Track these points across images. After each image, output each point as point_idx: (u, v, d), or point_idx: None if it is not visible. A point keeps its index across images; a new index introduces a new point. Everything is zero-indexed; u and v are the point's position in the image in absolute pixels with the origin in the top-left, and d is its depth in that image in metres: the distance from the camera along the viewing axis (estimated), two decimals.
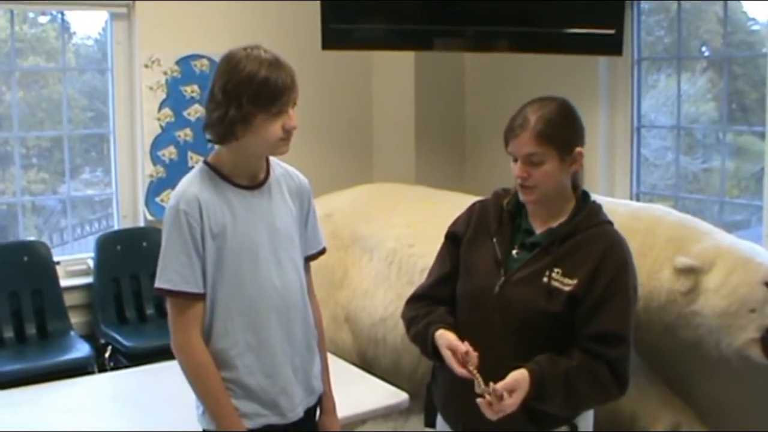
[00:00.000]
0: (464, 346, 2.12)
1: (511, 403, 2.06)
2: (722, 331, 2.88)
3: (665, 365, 3.14)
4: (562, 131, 2.18)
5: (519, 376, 2.08)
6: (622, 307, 2.15)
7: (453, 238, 2.39)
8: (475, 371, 2.09)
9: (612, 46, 3.89)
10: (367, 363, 3.72)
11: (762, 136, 3.88)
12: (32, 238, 4.63)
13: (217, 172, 2.17)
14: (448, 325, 2.25)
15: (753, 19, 4.12)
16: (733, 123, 4.12)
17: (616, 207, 3.07)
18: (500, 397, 2.05)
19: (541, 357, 2.13)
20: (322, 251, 2.39)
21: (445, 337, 2.19)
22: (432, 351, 2.25)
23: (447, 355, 2.16)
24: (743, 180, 4.26)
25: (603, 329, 2.13)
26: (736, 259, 2.91)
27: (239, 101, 2.05)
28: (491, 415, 2.06)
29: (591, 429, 2.33)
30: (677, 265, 2.95)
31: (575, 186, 2.28)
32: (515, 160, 2.22)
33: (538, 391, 2.09)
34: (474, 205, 2.41)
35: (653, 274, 2.99)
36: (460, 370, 2.12)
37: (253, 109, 2.06)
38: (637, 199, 4.35)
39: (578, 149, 2.21)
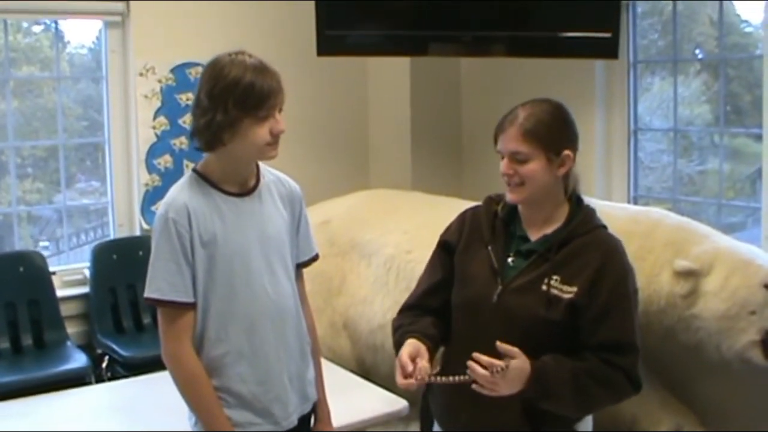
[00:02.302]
0: (410, 366, 2.10)
1: (507, 378, 2.04)
2: (722, 334, 2.87)
3: (666, 368, 3.13)
4: (550, 131, 2.16)
5: (523, 360, 2.07)
6: (628, 314, 2.14)
7: (445, 246, 2.36)
8: (435, 378, 2.10)
9: (608, 50, 3.88)
10: (365, 370, 3.71)
11: (756, 137, 3.88)
12: (45, 243, 4.62)
13: (206, 179, 2.16)
14: (427, 336, 2.22)
15: (746, 21, 4.13)
16: (727, 125, 4.12)
17: (614, 211, 3.07)
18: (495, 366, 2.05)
19: (546, 356, 2.11)
20: (315, 258, 2.38)
21: (409, 346, 2.17)
22: None
23: (397, 363, 2.14)
24: (738, 182, 4.26)
25: (614, 338, 2.11)
26: (736, 262, 2.91)
27: (225, 106, 2.05)
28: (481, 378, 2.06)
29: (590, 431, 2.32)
30: (676, 268, 2.94)
31: (568, 191, 2.25)
32: (503, 158, 2.21)
33: (542, 388, 2.08)
34: (465, 212, 2.39)
35: (652, 278, 2.98)
36: (401, 382, 2.10)
37: (239, 113, 2.05)
38: (635, 203, 4.34)
39: (566, 152, 2.18)
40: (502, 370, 2.03)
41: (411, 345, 2.18)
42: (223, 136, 2.07)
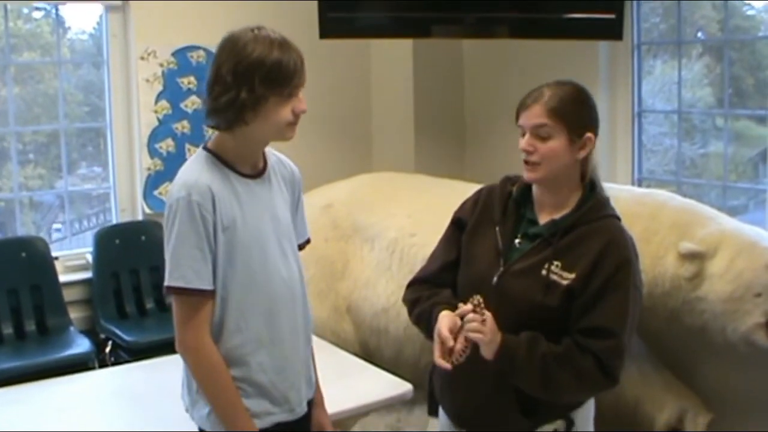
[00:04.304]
0: (451, 341, 2.07)
1: (473, 327, 2.05)
2: (727, 317, 2.86)
3: (670, 351, 3.13)
4: (575, 110, 2.16)
5: (494, 332, 2.07)
6: (618, 303, 2.09)
7: (459, 223, 2.35)
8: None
9: (612, 31, 3.87)
10: (369, 354, 3.70)
11: (759, 120, 3.88)
12: (58, 225, 4.60)
13: (220, 159, 2.08)
14: (454, 307, 2.19)
15: (748, 5, 4.10)
16: (730, 108, 4.10)
17: (620, 193, 3.05)
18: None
19: (525, 333, 2.10)
20: (308, 242, 2.33)
21: (447, 319, 2.12)
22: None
23: (437, 338, 2.10)
24: (740, 165, 4.25)
25: (593, 323, 2.08)
26: (741, 244, 2.89)
27: (251, 84, 1.97)
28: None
29: (590, 422, 2.28)
30: (681, 250, 2.93)
31: (585, 177, 2.22)
32: (523, 134, 2.18)
33: (508, 363, 2.07)
34: (482, 190, 2.37)
35: (657, 260, 2.97)
36: (439, 361, 2.07)
37: (266, 91, 1.98)
38: (639, 185, 4.32)
39: (588, 134, 2.16)
40: (479, 304, 2.06)
41: (449, 318, 2.12)
42: (246, 115, 1.99)
